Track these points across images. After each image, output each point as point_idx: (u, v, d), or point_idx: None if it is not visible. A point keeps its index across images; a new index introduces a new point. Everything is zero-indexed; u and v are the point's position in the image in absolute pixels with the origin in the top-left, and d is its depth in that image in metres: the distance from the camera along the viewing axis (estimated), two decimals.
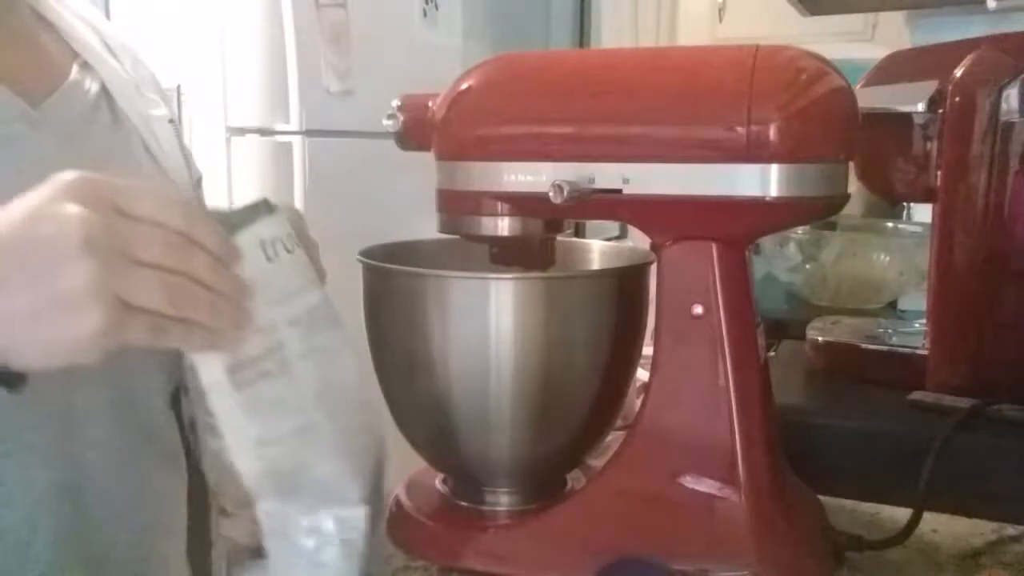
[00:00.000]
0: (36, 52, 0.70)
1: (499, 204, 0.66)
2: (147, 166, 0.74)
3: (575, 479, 0.75)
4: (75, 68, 0.72)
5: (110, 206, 0.44)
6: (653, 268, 0.66)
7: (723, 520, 0.62)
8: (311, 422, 0.52)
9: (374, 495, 0.55)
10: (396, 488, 0.76)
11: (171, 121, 0.79)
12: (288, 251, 0.52)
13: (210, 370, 0.50)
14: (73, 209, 0.43)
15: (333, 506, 0.53)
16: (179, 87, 1.77)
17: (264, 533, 0.52)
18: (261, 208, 0.51)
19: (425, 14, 2.09)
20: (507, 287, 0.65)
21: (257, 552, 0.52)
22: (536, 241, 0.71)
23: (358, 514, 0.53)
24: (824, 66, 0.61)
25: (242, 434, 0.51)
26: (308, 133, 1.75)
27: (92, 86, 0.72)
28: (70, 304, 0.43)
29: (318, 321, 0.53)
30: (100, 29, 0.78)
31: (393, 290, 0.69)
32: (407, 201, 1.67)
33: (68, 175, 0.45)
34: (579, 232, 2.09)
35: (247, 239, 0.50)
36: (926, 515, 0.68)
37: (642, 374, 0.72)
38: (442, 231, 0.70)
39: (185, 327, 0.45)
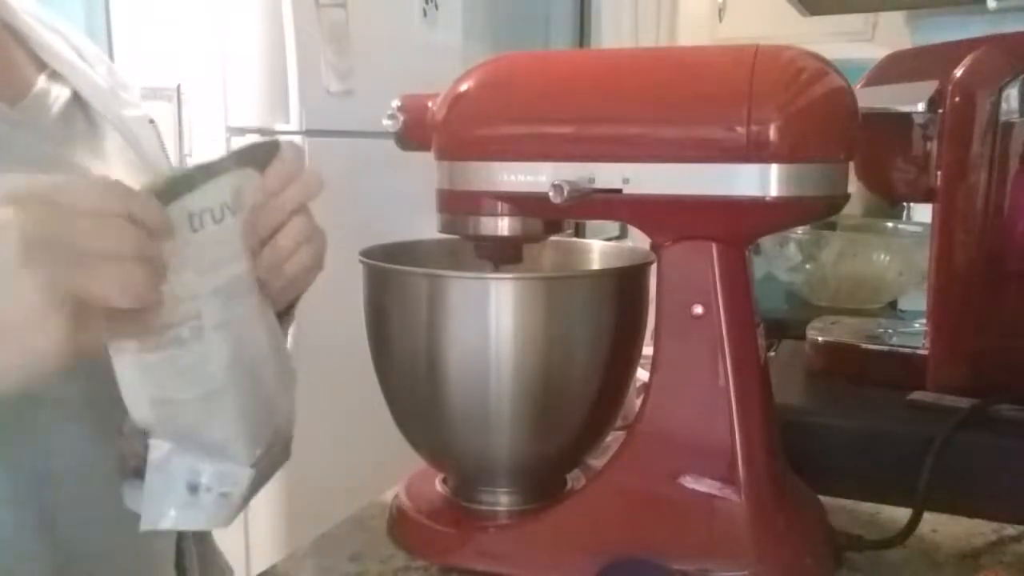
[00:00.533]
0: (4, 62, 0.70)
1: (499, 204, 0.66)
2: (132, 166, 0.75)
3: (575, 479, 0.75)
4: (42, 78, 0.72)
5: (46, 204, 0.43)
6: (653, 268, 0.66)
7: (723, 520, 0.62)
8: (216, 390, 0.53)
9: (264, 462, 0.55)
10: (396, 488, 0.76)
11: (151, 121, 0.80)
12: (216, 221, 0.51)
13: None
14: (5, 215, 0.42)
15: (219, 461, 0.53)
16: (179, 87, 1.77)
17: (148, 463, 0.52)
18: (198, 177, 0.51)
19: (425, 14, 2.09)
20: (507, 287, 0.65)
21: (139, 473, 0.53)
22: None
23: (242, 473, 0.54)
24: (824, 66, 0.61)
25: (139, 394, 0.51)
26: (308, 133, 1.75)
27: (61, 94, 0.72)
28: (24, 322, 0.41)
29: (238, 291, 0.54)
30: (71, 39, 0.79)
31: (393, 290, 0.69)
32: (407, 201, 1.67)
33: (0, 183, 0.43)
34: (579, 232, 2.10)
35: (174, 211, 0.49)
36: (926, 515, 0.68)
37: (642, 374, 0.72)
38: (442, 231, 0.70)
39: (137, 312, 0.45)
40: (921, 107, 0.83)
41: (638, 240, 0.70)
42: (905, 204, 1.81)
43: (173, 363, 0.51)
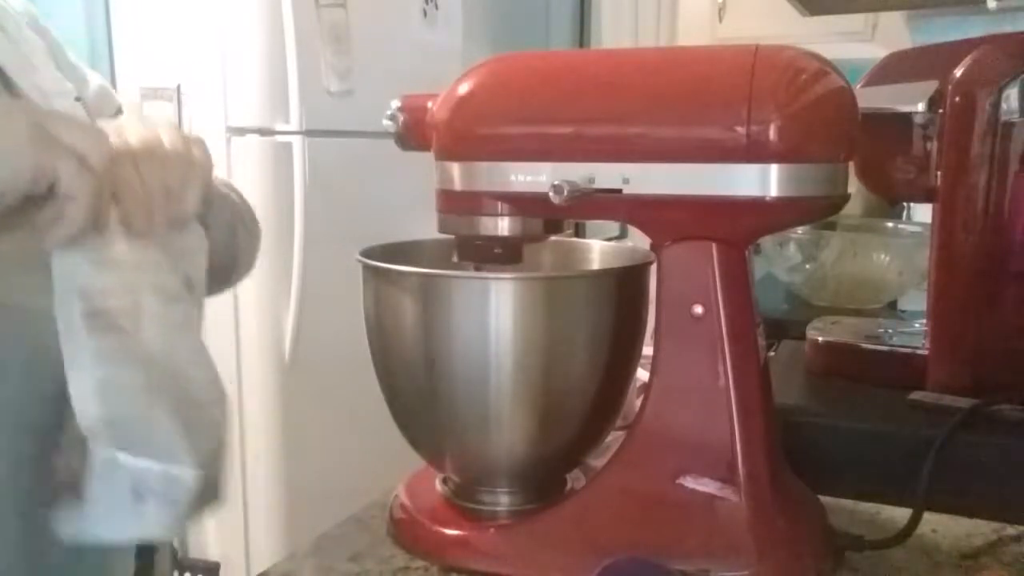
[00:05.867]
0: None
1: (499, 204, 0.66)
2: None
3: (575, 479, 0.75)
4: None
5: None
6: (653, 268, 0.66)
7: (723, 520, 0.62)
8: (154, 384, 0.53)
9: (209, 468, 0.55)
10: (396, 488, 0.76)
11: (78, 99, 0.77)
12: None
13: (67, 312, 0.52)
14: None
15: (164, 462, 0.53)
16: (179, 87, 1.77)
17: (91, 475, 0.52)
18: None
19: (425, 14, 2.09)
20: (507, 287, 0.65)
21: (73, 491, 0.52)
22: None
23: (187, 475, 0.53)
24: (824, 66, 0.61)
25: (87, 376, 0.52)
26: (308, 133, 1.75)
27: None
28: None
29: (170, 296, 0.55)
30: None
31: (393, 290, 0.69)
32: (407, 201, 1.67)
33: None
34: (579, 232, 2.10)
35: None
36: (926, 515, 0.68)
37: (642, 374, 0.72)
38: (442, 231, 0.70)
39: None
40: (921, 107, 0.83)
41: (638, 240, 0.70)
42: (905, 204, 1.81)
43: (113, 347, 0.52)
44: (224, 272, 0.79)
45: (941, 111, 0.82)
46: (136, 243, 0.53)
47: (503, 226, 0.67)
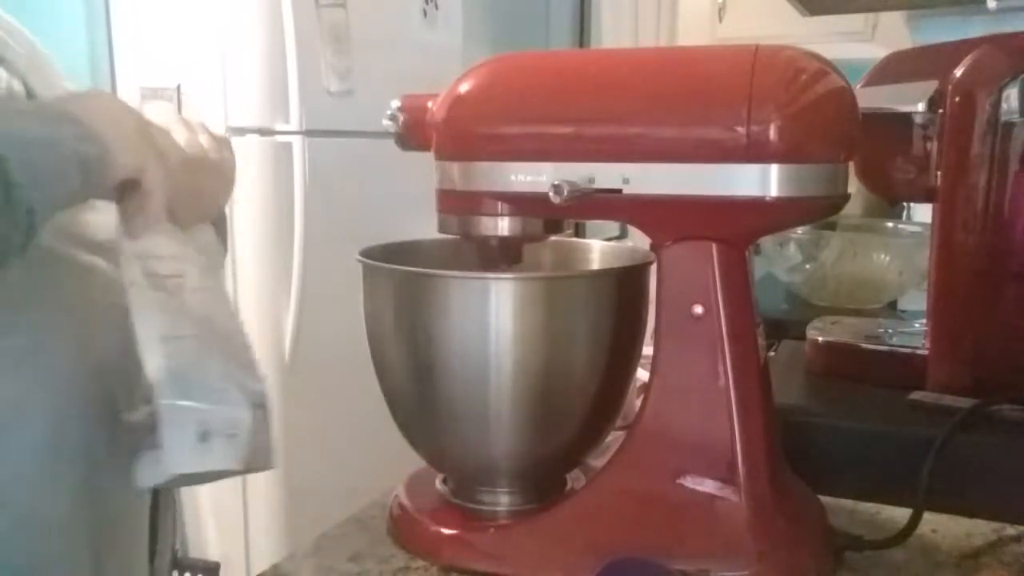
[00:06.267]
0: None
1: (499, 204, 0.66)
2: None
3: (575, 479, 0.75)
4: None
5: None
6: (653, 268, 0.66)
7: (723, 520, 0.62)
8: (204, 336, 0.62)
9: (261, 407, 0.63)
10: (396, 488, 0.76)
11: None
12: None
13: (132, 271, 0.60)
14: None
15: (221, 406, 0.61)
16: (179, 87, 1.77)
17: (161, 424, 0.59)
18: None
19: (425, 14, 2.09)
20: (507, 287, 0.65)
21: (149, 441, 0.59)
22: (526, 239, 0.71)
23: (244, 415, 0.61)
24: (824, 66, 0.61)
25: (151, 327, 0.60)
26: (308, 133, 1.75)
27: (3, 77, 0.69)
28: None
29: (209, 268, 0.65)
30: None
31: (393, 290, 0.69)
32: (407, 201, 1.67)
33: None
34: (579, 232, 2.10)
35: None
36: (926, 515, 0.68)
37: (642, 374, 0.72)
38: (442, 231, 0.70)
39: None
40: (921, 107, 0.83)
41: (638, 240, 0.70)
42: (905, 204, 1.81)
43: (173, 301, 0.61)
44: None
45: (941, 111, 0.82)
46: (178, 232, 0.63)
47: (503, 226, 0.67)
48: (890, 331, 0.98)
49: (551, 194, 0.61)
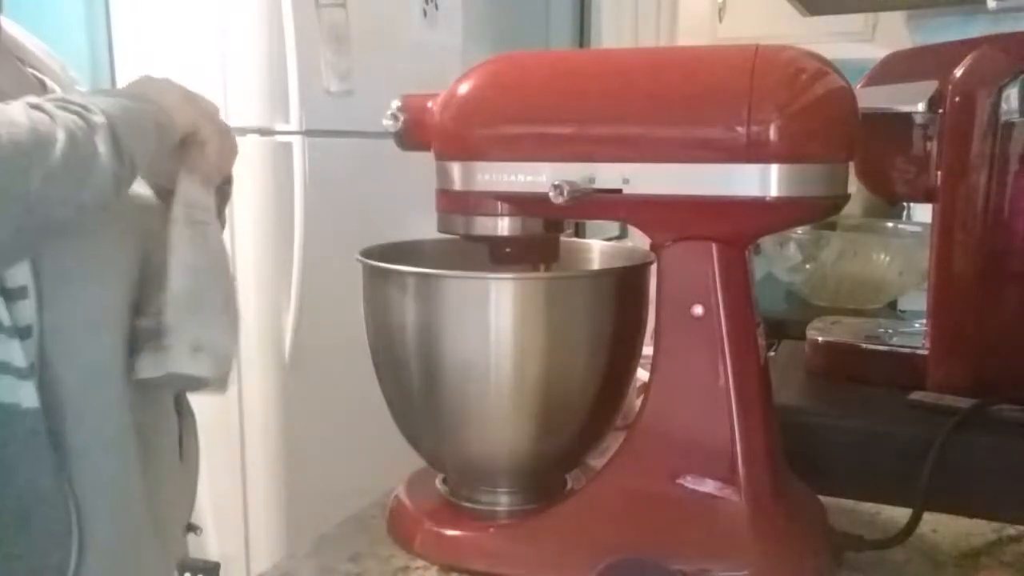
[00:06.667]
0: (14, 76, 0.80)
1: (499, 204, 0.66)
2: None
3: (575, 479, 0.75)
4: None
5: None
6: (653, 268, 0.66)
7: (723, 520, 0.62)
8: (215, 271, 0.79)
9: (235, 346, 0.81)
10: (396, 488, 0.76)
11: None
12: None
13: (176, 211, 0.76)
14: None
15: (212, 330, 0.77)
16: None
17: (169, 331, 0.73)
18: None
19: (425, 14, 2.09)
20: (507, 287, 0.65)
21: (156, 346, 0.74)
22: (538, 239, 0.71)
23: (229, 342, 0.78)
24: (824, 66, 0.61)
25: (180, 255, 0.75)
26: (308, 133, 1.75)
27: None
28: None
29: (210, 218, 0.80)
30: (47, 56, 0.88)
31: (392, 290, 0.69)
32: (407, 201, 1.67)
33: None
34: (579, 232, 2.10)
35: None
36: (926, 515, 0.68)
37: (642, 374, 0.72)
38: (442, 231, 0.70)
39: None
40: (921, 107, 0.83)
41: (638, 240, 0.70)
42: (905, 204, 1.81)
43: (199, 240, 0.77)
44: None
45: (941, 111, 0.82)
46: (209, 189, 0.80)
47: (503, 226, 0.67)
48: (890, 331, 0.98)
49: (551, 194, 0.61)
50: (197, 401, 0.95)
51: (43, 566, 0.69)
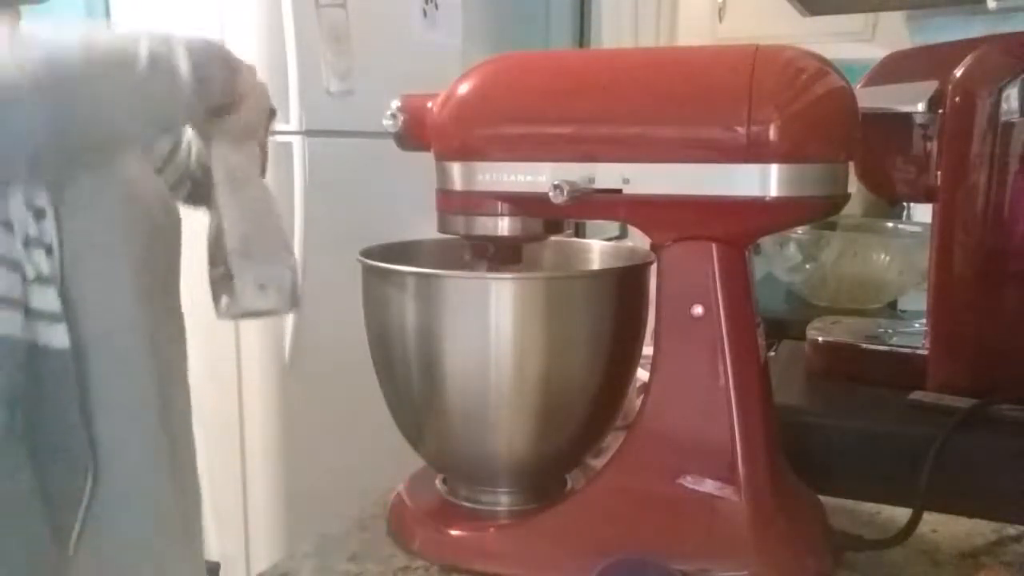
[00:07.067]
0: None
1: (499, 204, 0.66)
2: None
3: (575, 479, 0.75)
4: None
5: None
6: (653, 268, 0.66)
7: (723, 520, 0.62)
8: (268, 213, 0.89)
9: (294, 275, 0.89)
10: (396, 488, 0.76)
11: None
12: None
13: (218, 172, 0.85)
14: None
15: (273, 268, 0.86)
16: None
17: (235, 275, 0.84)
18: None
19: (425, 14, 2.09)
20: (507, 287, 0.65)
21: (228, 290, 0.85)
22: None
23: (287, 275, 0.87)
24: (824, 66, 0.61)
25: (233, 209, 0.85)
26: (308, 133, 1.75)
27: None
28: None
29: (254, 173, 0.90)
30: None
31: (393, 290, 0.69)
32: (407, 201, 1.67)
33: None
34: (579, 232, 2.10)
35: None
36: (926, 515, 0.68)
37: (642, 374, 0.72)
38: (442, 231, 0.70)
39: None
40: (921, 107, 0.83)
41: (638, 240, 0.70)
42: (905, 204, 1.81)
43: (245, 193, 0.86)
44: None
45: (941, 111, 0.82)
46: (247, 146, 0.88)
47: (503, 226, 0.67)
48: (890, 331, 0.98)
49: (551, 194, 0.61)
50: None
51: (66, 491, 0.76)
